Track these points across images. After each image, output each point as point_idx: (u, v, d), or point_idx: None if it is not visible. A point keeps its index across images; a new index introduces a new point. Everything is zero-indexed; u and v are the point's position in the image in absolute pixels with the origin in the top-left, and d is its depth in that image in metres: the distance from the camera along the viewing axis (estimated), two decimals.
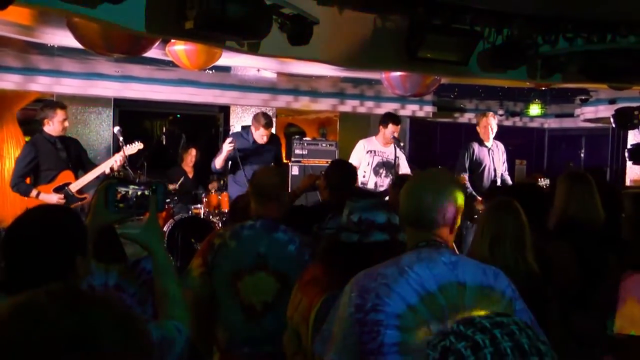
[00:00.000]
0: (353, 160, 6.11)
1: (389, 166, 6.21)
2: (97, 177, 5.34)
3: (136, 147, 5.85)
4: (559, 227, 3.21)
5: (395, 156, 6.11)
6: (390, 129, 6.09)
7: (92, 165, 5.48)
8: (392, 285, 1.74)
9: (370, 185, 6.09)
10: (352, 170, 4.02)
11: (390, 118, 6.21)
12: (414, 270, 1.77)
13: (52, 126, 5.24)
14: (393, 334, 1.69)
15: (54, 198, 5.16)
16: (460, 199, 1.90)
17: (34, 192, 5.15)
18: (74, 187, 5.29)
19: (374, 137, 6.35)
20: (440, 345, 1.16)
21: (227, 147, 5.74)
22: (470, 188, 6.24)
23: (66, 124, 5.35)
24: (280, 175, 3.11)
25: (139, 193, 1.96)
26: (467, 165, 6.33)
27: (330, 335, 1.81)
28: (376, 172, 6.14)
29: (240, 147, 5.82)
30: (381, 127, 6.19)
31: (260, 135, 5.91)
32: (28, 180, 5.26)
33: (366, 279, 1.80)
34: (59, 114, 5.25)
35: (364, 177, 6.12)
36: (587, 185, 3.22)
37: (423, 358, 1.17)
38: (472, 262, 1.89)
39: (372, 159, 6.15)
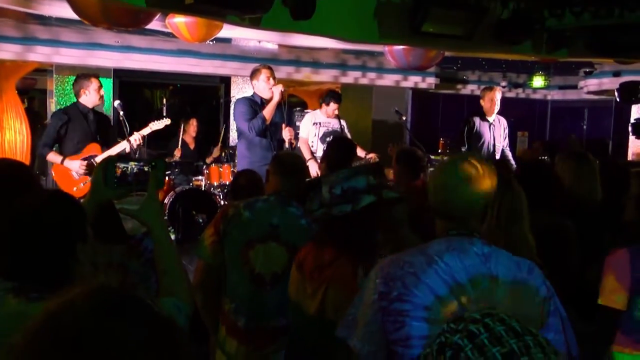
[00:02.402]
0: (302, 132, 6.44)
1: (335, 135, 6.43)
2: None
3: (163, 122, 5.82)
4: (563, 205, 3.23)
5: (341, 126, 6.46)
6: (332, 107, 6.43)
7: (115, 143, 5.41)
8: (420, 275, 1.66)
9: (319, 154, 6.20)
10: (350, 148, 4.00)
11: (332, 97, 6.49)
12: (444, 260, 1.68)
13: (89, 96, 5.20)
14: (420, 325, 1.63)
15: (77, 164, 5.13)
16: (491, 187, 1.80)
17: (58, 159, 5.15)
18: (99, 159, 5.28)
19: (318, 111, 6.62)
20: (436, 344, 1.17)
21: (277, 91, 5.18)
22: None
23: (102, 92, 5.32)
24: (304, 160, 3.19)
25: (138, 169, 1.95)
26: (466, 139, 6.34)
27: (354, 321, 1.75)
28: (323, 141, 6.29)
29: (253, 112, 5.27)
30: (323, 104, 6.49)
31: (266, 78, 5.25)
32: (53, 152, 5.20)
33: (392, 266, 1.72)
34: (94, 82, 5.21)
35: (312, 146, 6.38)
36: (592, 166, 3.27)
37: None
38: (506, 254, 1.77)
39: (317, 130, 6.40)
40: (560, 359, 1.15)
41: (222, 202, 6.82)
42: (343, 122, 6.57)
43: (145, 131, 5.58)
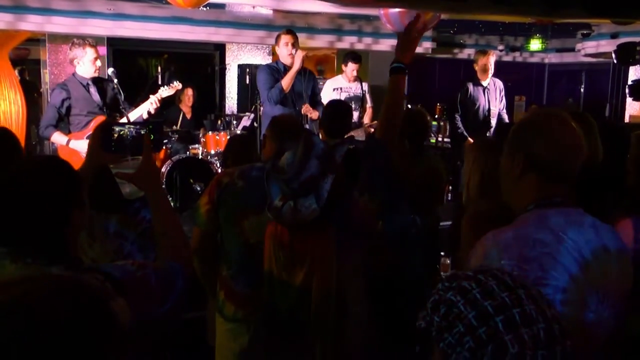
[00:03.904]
0: (323, 99, 6.24)
1: (357, 100, 6.34)
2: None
3: (174, 87, 5.65)
4: None
5: (362, 91, 6.35)
6: (350, 67, 6.34)
7: (128, 108, 5.15)
8: (556, 256, 1.55)
9: None
10: (344, 111, 3.98)
11: (350, 57, 6.41)
12: (569, 236, 1.58)
13: (83, 66, 4.97)
14: (558, 309, 1.51)
15: (84, 145, 4.78)
16: None
17: (63, 139, 4.90)
18: None
19: (339, 76, 6.55)
20: (430, 302, 1.19)
21: (298, 59, 5.19)
22: (462, 128, 6.29)
23: (98, 63, 5.05)
24: (299, 121, 3.15)
25: (136, 132, 1.95)
26: (459, 105, 6.34)
27: None
28: None
29: (274, 77, 5.34)
30: (342, 65, 6.46)
31: (285, 43, 5.30)
32: (58, 132, 4.97)
33: (521, 246, 1.57)
34: (89, 53, 4.95)
35: None
36: (592, 126, 3.24)
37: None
38: (601, 223, 1.69)
39: (339, 96, 6.27)
40: (553, 311, 1.15)
41: (219, 170, 6.82)
42: (365, 86, 6.45)
43: (154, 98, 5.38)
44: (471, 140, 6.18)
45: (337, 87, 6.39)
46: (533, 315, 1.11)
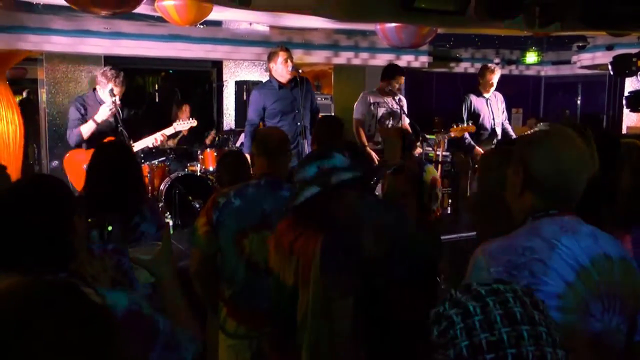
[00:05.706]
0: (357, 113, 6.10)
1: (395, 116, 6.15)
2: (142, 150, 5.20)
3: (189, 124, 5.84)
4: None
5: (399, 105, 6.10)
6: (398, 80, 6.10)
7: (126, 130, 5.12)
8: (547, 262, 1.53)
9: (378, 138, 6.00)
10: (338, 126, 3.97)
11: (397, 70, 6.15)
12: (563, 243, 1.56)
13: (102, 93, 5.08)
14: (554, 315, 1.45)
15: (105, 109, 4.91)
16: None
17: (88, 124, 4.95)
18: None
19: (375, 89, 6.30)
20: (434, 313, 1.15)
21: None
22: (469, 139, 6.29)
23: (114, 98, 5.05)
24: (284, 133, 3.14)
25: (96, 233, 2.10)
26: (465, 116, 6.35)
27: None
28: (382, 124, 6.04)
29: (269, 98, 5.28)
30: (388, 79, 6.12)
31: (284, 60, 5.18)
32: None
33: (510, 254, 1.56)
34: (110, 85, 5.01)
35: (369, 130, 6.04)
36: (589, 138, 3.22)
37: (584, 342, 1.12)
38: (603, 232, 1.67)
39: (377, 111, 6.09)
40: (560, 353, 1.09)
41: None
42: (403, 100, 6.16)
43: (168, 131, 5.56)
44: (480, 150, 6.16)
45: (375, 102, 6.12)
46: (529, 359, 1.05)
